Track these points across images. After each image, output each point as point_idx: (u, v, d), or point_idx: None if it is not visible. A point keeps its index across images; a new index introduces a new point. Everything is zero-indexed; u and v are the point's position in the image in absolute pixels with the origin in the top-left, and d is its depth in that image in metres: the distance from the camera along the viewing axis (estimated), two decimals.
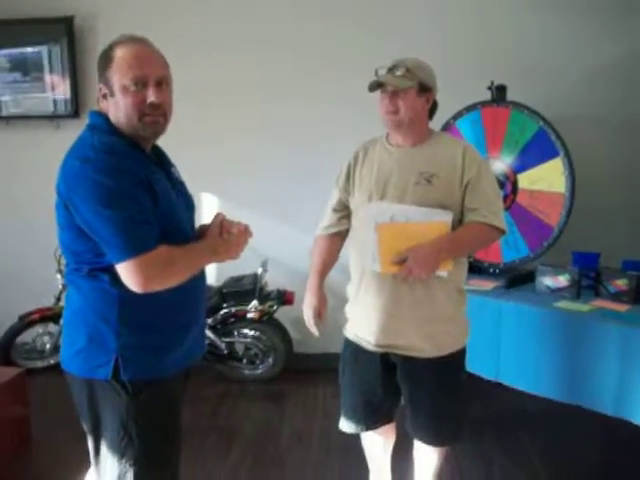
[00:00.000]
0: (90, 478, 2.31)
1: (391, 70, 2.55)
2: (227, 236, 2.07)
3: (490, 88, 3.90)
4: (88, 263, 1.90)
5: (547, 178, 3.71)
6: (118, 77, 1.89)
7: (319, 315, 2.83)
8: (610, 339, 3.10)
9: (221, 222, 2.09)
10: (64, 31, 4.49)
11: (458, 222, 2.55)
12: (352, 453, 3.43)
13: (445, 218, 2.50)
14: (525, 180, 3.79)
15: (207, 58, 4.43)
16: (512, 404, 4.05)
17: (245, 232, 2.16)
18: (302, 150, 4.59)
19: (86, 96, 4.60)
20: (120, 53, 1.89)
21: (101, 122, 1.94)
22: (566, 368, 3.27)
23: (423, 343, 2.62)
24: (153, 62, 1.92)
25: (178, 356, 2.05)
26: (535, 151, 3.73)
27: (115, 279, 1.86)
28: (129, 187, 1.81)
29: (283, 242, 4.68)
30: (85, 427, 2.09)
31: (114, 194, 1.78)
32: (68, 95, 4.58)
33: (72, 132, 2.07)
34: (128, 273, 1.80)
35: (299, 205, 4.61)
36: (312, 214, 4.57)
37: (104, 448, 2.03)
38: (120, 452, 2.00)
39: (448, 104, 3.87)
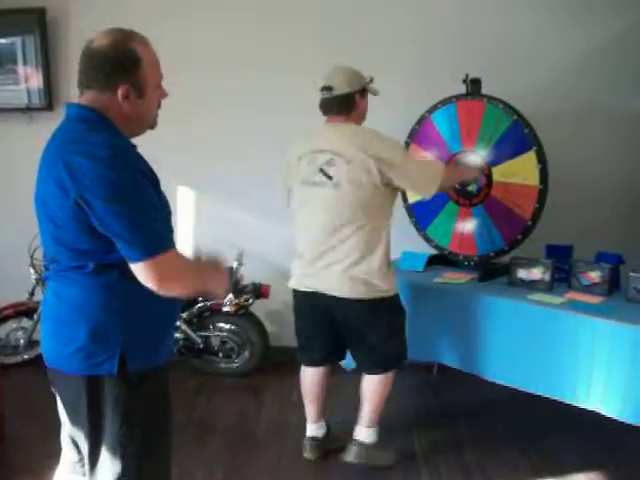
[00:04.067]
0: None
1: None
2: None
3: (465, 81, 3.90)
4: (94, 260, 1.89)
5: (521, 172, 3.72)
6: (152, 77, 1.98)
7: None
8: (582, 331, 3.13)
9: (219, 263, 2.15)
10: (36, 23, 4.45)
11: None
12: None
13: None
14: (499, 173, 3.80)
15: (176, 41, 4.37)
16: (486, 395, 4.09)
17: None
18: (279, 142, 4.55)
19: (59, 88, 4.56)
20: (145, 53, 1.95)
21: (97, 118, 1.91)
22: (539, 360, 3.29)
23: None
24: None
25: (168, 342, 2.13)
26: (509, 144, 3.73)
27: (123, 274, 1.89)
28: (142, 185, 1.85)
29: (258, 235, 4.67)
30: (80, 430, 2.03)
31: (130, 192, 1.81)
32: (42, 87, 4.53)
33: (45, 125, 2.07)
34: (146, 272, 1.84)
35: (275, 198, 4.59)
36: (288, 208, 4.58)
37: (104, 448, 1.99)
38: (122, 448, 1.98)
39: (424, 97, 3.91)
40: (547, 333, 3.27)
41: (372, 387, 3.34)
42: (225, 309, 4.39)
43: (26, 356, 4.61)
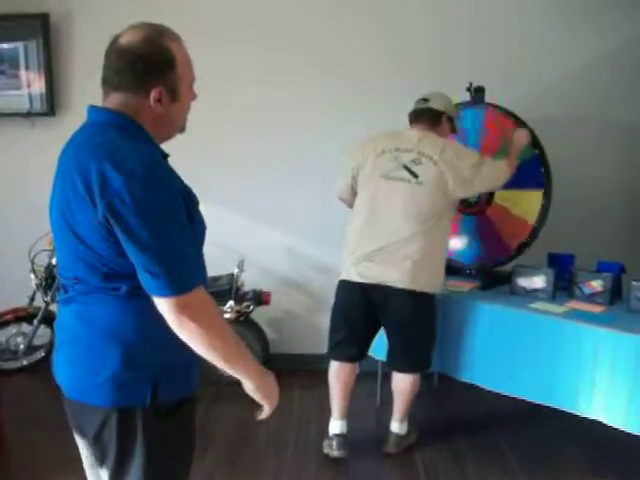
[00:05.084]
0: None
1: None
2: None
3: (469, 89, 3.91)
4: (128, 282, 1.68)
5: (523, 205, 3.76)
6: (186, 78, 1.80)
7: None
8: (584, 340, 3.13)
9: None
10: (40, 28, 4.44)
11: None
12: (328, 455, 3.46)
13: None
14: (502, 197, 3.82)
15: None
16: (487, 405, 4.08)
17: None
18: (281, 149, 4.57)
19: (61, 94, 4.55)
20: (179, 51, 1.76)
21: (129, 124, 1.73)
22: (541, 370, 3.29)
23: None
24: None
25: (199, 370, 1.91)
26: (522, 175, 3.62)
27: None
28: (177, 209, 1.65)
29: (260, 242, 4.66)
30: (103, 465, 1.83)
31: (163, 219, 1.61)
32: (44, 92, 4.52)
33: (47, 130, 2.04)
34: (174, 309, 1.62)
35: (276, 205, 4.60)
36: (289, 213, 4.60)
37: None
38: None
39: None
40: (549, 342, 3.26)
41: (405, 386, 3.53)
42: (226, 316, 4.37)
43: (25, 362, 4.59)
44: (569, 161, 4.22)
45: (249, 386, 1.83)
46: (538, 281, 3.57)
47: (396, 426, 3.61)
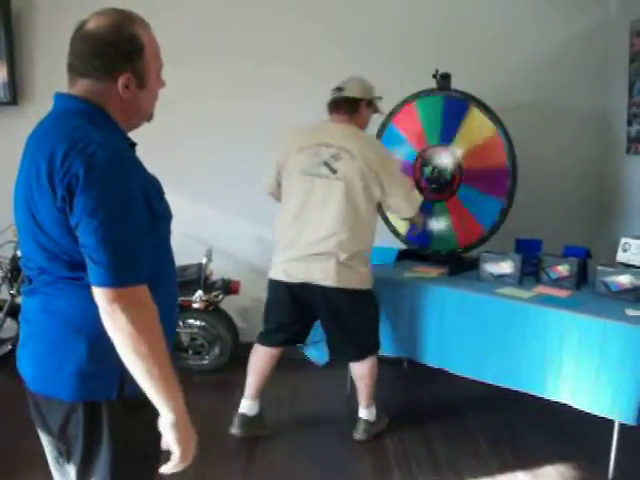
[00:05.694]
0: None
1: None
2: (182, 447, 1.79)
3: (435, 76, 3.91)
4: None
5: (475, 129, 3.81)
6: (154, 65, 1.77)
7: None
8: (551, 325, 3.17)
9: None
10: (1, 16, 4.35)
11: None
12: (300, 442, 3.51)
13: None
14: (462, 143, 3.86)
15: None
16: (456, 390, 4.11)
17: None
18: (247, 140, 4.54)
19: (24, 82, 4.47)
20: (147, 38, 1.73)
21: (96, 111, 1.70)
22: (509, 354, 3.32)
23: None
24: None
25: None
26: (450, 117, 3.83)
27: None
28: (134, 203, 1.62)
29: (227, 231, 4.65)
30: (69, 461, 1.79)
31: (117, 209, 1.58)
32: (6, 81, 4.43)
33: (10, 120, 2.00)
34: (101, 298, 1.58)
35: (244, 194, 4.58)
36: (257, 202, 4.57)
37: (95, 478, 1.77)
38: (114, 477, 1.76)
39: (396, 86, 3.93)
40: (516, 327, 3.29)
41: (362, 372, 3.57)
42: (195, 306, 4.35)
43: None
44: (534, 148, 4.27)
45: (166, 419, 1.68)
46: (505, 266, 3.60)
47: (364, 412, 3.64)
